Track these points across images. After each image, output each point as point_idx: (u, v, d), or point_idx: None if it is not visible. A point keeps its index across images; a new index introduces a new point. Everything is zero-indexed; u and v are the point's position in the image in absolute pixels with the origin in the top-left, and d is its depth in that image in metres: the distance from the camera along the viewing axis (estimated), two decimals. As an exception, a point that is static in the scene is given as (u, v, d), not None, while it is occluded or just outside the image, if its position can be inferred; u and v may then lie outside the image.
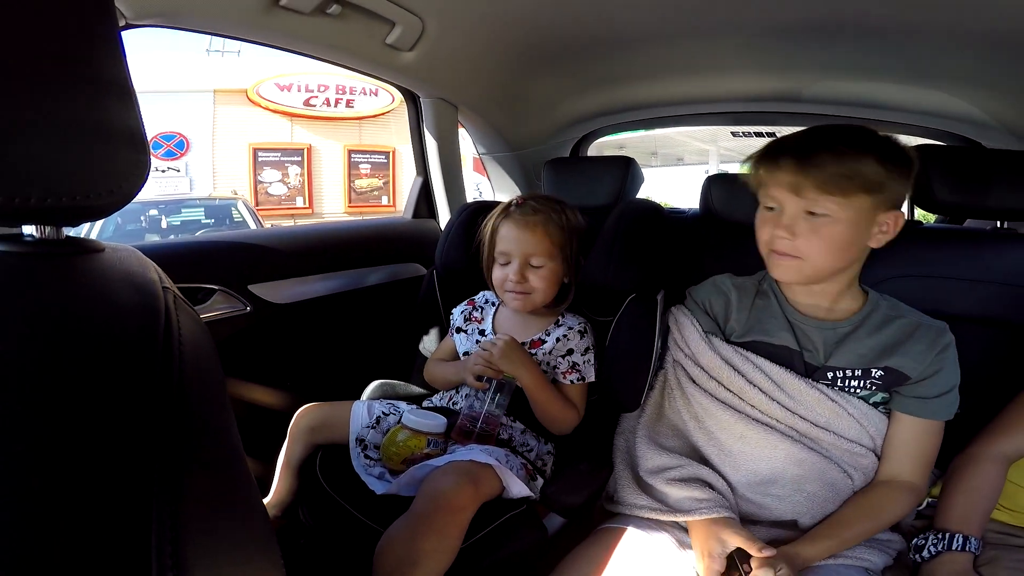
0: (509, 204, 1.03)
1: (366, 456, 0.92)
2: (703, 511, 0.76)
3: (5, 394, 0.23)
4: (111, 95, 0.33)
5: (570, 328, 1.00)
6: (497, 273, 1.01)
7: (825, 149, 0.74)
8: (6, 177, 0.28)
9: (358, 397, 1.07)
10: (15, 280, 0.29)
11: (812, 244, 0.76)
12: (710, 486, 0.80)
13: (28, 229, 0.34)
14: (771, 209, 0.80)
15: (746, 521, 0.80)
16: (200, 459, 0.28)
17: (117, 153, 0.33)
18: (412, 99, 1.50)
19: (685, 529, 0.80)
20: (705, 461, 0.84)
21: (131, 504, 0.24)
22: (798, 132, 0.81)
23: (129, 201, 0.33)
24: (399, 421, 0.93)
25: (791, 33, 1.18)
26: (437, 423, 0.90)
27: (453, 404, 1.03)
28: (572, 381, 0.97)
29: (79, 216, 0.32)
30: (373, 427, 0.96)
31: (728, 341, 0.87)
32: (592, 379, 0.98)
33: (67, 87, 0.31)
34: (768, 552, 0.69)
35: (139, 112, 0.35)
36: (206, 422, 0.30)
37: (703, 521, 0.76)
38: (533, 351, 1.00)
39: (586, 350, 0.99)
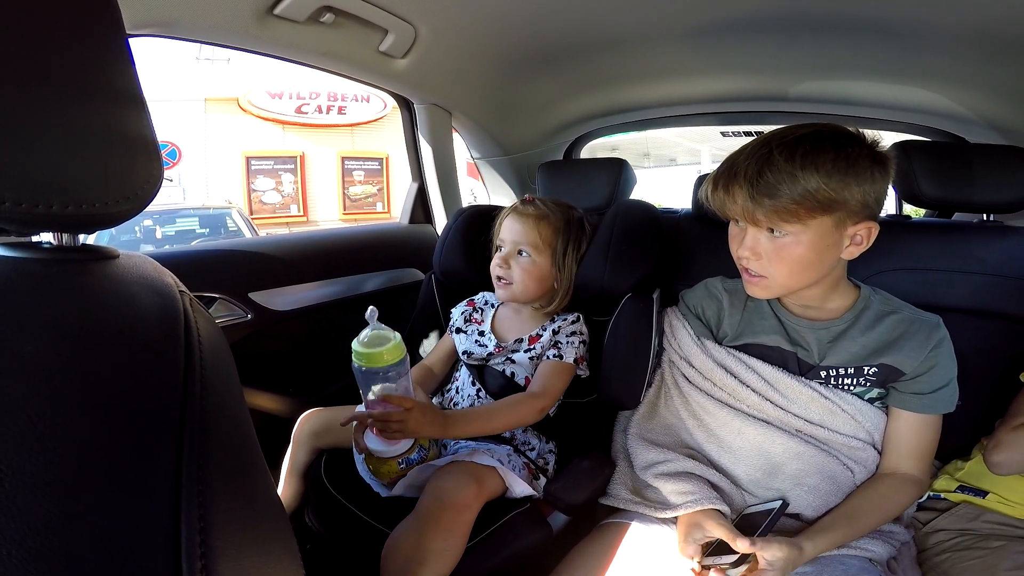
0: (519, 201, 1.07)
1: (370, 460, 0.93)
2: (690, 505, 0.76)
3: (37, 396, 0.24)
4: (124, 104, 0.34)
5: (564, 320, 1.02)
6: (493, 261, 1.05)
7: (772, 172, 0.71)
8: (27, 186, 0.29)
9: (359, 402, 1.07)
10: (39, 286, 0.30)
11: (775, 265, 0.76)
12: (698, 478, 0.81)
13: (46, 236, 0.35)
14: (738, 223, 0.80)
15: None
16: (222, 454, 0.29)
17: (132, 161, 0.34)
18: (406, 105, 1.51)
19: None
20: (706, 457, 0.85)
21: (161, 498, 0.25)
22: (750, 148, 0.75)
23: (144, 208, 0.34)
24: None
25: (776, 32, 1.21)
26: (398, 446, 0.84)
27: (454, 404, 1.04)
28: (549, 357, 0.98)
29: (98, 223, 0.33)
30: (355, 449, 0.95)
31: (721, 344, 0.88)
32: (570, 361, 0.98)
33: (82, 97, 0.32)
34: (744, 547, 0.67)
35: (150, 120, 0.36)
36: (227, 419, 0.31)
37: (694, 512, 0.76)
38: (531, 346, 1.01)
39: (572, 333, 1.00)
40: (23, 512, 0.21)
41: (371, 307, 0.80)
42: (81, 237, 0.36)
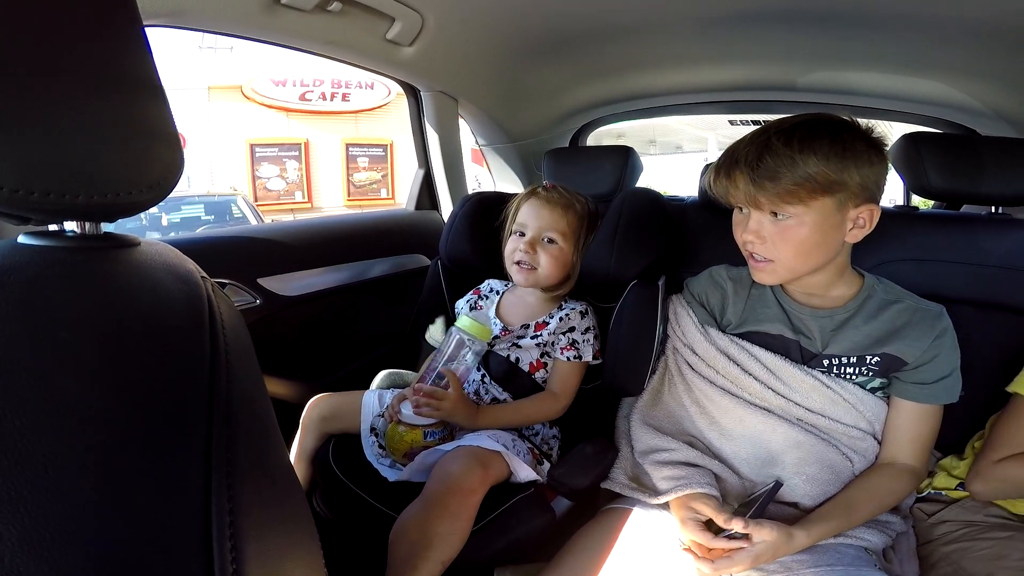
0: (538, 186, 1.07)
1: (379, 445, 0.95)
2: (679, 489, 0.78)
3: (75, 382, 0.25)
4: (144, 94, 0.35)
5: (572, 309, 1.03)
6: (510, 245, 1.04)
7: (772, 156, 0.73)
8: (54, 176, 0.30)
9: (367, 387, 1.09)
10: (68, 273, 0.31)
11: (780, 248, 0.77)
12: (692, 466, 0.82)
13: (69, 225, 0.35)
14: (742, 210, 0.81)
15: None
16: (248, 437, 0.30)
17: (153, 150, 0.35)
18: (412, 92, 1.51)
19: None
20: (707, 444, 0.86)
21: (193, 480, 0.26)
22: (749, 136, 0.78)
23: (166, 196, 0.35)
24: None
25: (786, 22, 1.19)
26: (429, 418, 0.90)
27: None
28: (568, 358, 0.99)
29: (122, 212, 0.33)
30: (383, 416, 0.98)
31: (724, 332, 0.88)
32: (589, 360, 1.00)
33: (103, 88, 0.33)
34: (727, 522, 0.70)
35: (170, 109, 0.36)
36: (250, 401, 0.32)
37: (681, 496, 0.78)
38: (538, 332, 1.01)
39: (586, 330, 1.01)
40: (64, 496, 0.22)
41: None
42: (103, 225, 0.37)
